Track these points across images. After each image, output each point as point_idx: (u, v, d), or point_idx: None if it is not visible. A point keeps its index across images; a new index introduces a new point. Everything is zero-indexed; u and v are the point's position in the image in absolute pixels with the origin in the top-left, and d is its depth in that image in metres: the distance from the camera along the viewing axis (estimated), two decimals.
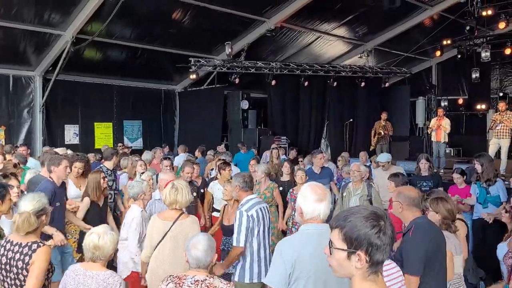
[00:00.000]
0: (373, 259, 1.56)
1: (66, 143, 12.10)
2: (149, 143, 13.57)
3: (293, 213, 5.93)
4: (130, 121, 14.05)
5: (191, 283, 2.68)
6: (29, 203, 3.03)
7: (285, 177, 6.99)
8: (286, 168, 7.04)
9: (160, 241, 3.65)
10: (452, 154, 13.17)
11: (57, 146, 10.95)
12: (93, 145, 12.43)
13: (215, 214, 6.32)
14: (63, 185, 5.01)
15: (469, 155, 11.84)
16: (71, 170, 5.14)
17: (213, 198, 6.45)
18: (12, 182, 4.21)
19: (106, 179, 5.31)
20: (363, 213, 1.60)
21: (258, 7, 11.02)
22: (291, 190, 6.37)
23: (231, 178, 5.77)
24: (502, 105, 9.90)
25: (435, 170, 7.54)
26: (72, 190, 5.49)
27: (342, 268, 1.62)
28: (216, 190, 6.37)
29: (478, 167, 6.02)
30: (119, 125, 13.77)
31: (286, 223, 6.34)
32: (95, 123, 13.20)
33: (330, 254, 1.64)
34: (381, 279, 1.62)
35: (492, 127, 9.94)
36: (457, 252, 3.44)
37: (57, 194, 4.59)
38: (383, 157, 7.31)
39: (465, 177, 6.48)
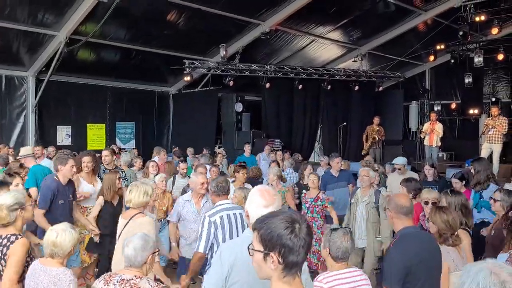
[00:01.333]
0: (286, 260, 1.59)
1: (58, 144, 12.02)
2: (142, 145, 13.53)
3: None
4: (123, 122, 13.99)
5: (117, 282, 2.70)
6: (4, 198, 3.21)
7: None
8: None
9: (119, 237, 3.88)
10: (444, 158, 13.24)
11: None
12: (85, 146, 12.35)
13: None
14: (70, 184, 5.03)
15: (462, 159, 11.91)
16: (77, 169, 5.25)
17: None
18: (17, 180, 4.43)
19: (121, 180, 5.45)
20: (279, 216, 1.65)
21: (253, 9, 11.03)
22: (303, 194, 6.30)
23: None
24: (494, 110, 9.99)
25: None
26: (86, 188, 5.52)
27: (261, 269, 1.67)
28: (231, 193, 6.29)
29: (472, 171, 6.04)
30: (112, 126, 13.70)
31: None
32: (88, 124, 13.13)
33: (250, 255, 1.70)
34: (297, 281, 1.64)
35: (484, 132, 10.02)
36: (457, 267, 3.18)
37: (60, 192, 4.73)
38: (399, 160, 7.06)
39: (464, 182, 6.44)
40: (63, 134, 12.62)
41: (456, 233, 3.38)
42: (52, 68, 10.96)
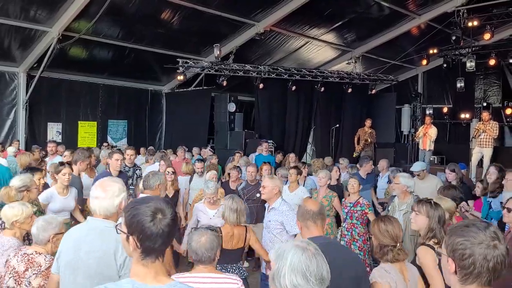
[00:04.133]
0: (143, 245, 1.70)
1: (48, 141, 11.90)
2: (134, 143, 13.45)
3: (343, 224, 5.72)
4: (115, 120, 13.91)
5: (21, 255, 3.06)
6: (14, 181, 4.04)
7: None
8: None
9: None
10: (436, 162, 13.31)
11: (39, 144, 10.80)
12: (76, 144, 12.27)
13: None
14: (122, 175, 5.64)
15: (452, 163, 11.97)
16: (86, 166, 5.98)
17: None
18: (38, 175, 4.86)
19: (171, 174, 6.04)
20: (148, 203, 1.74)
21: (248, 10, 11.01)
22: (343, 199, 6.02)
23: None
24: (485, 115, 10.07)
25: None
26: (88, 182, 5.87)
27: (125, 248, 1.80)
28: (286, 196, 6.13)
29: (489, 177, 5.62)
30: (104, 124, 13.61)
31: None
32: (79, 122, 13.05)
33: (118, 233, 1.81)
34: (157, 264, 1.73)
35: (475, 136, 10.10)
36: None
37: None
38: (417, 166, 6.67)
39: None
40: (54, 131, 12.51)
41: (398, 246, 2.80)
42: (44, 64, 10.87)
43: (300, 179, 7.06)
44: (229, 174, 7.46)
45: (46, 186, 5.27)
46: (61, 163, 4.94)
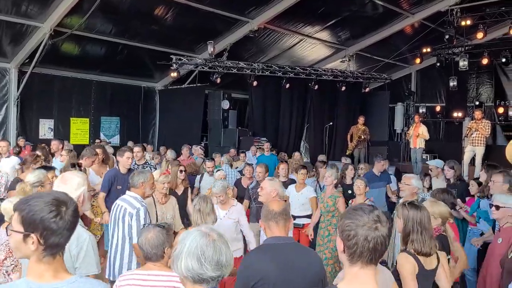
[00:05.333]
0: (47, 242, 1.64)
1: (40, 137, 11.85)
2: (127, 140, 13.36)
3: None
4: (108, 117, 13.82)
5: (4, 245, 3.09)
6: (29, 177, 4.15)
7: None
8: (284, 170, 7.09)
9: None
10: (428, 160, 13.35)
11: (31, 140, 10.70)
12: (68, 141, 12.15)
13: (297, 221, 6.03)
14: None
15: (445, 161, 12.03)
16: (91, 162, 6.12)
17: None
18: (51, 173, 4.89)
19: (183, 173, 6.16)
20: (44, 198, 1.67)
21: (242, 7, 10.97)
22: (350, 201, 5.82)
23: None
24: (477, 114, 10.15)
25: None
26: (95, 179, 6.02)
27: (19, 250, 1.69)
28: (292, 195, 6.14)
29: (483, 175, 5.53)
30: (96, 121, 13.52)
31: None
32: (71, 118, 12.95)
33: (8, 235, 1.73)
34: (58, 260, 1.70)
35: (467, 134, 10.17)
36: None
37: (118, 179, 5.54)
38: (432, 161, 6.67)
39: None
40: (46, 128, 12.40)
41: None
42: (36, 60, 10.76)
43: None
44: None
45: None
46: (73, 165, 5.25)
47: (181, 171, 6.05)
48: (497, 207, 3.79)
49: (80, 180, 2.61)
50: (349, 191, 6.45)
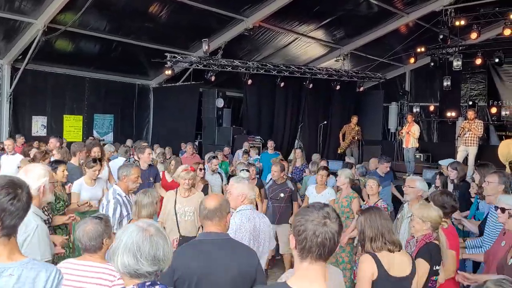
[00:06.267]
0: (4, 223, 1.71)
1: (33, 134, 11.77)
2: (120, 138, 13.32)
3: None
4: (101, 114, 13.76)
5: None
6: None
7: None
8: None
9: None
10: (421, 160, 13.44)
11: (24, 137, 10.61)
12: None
13: None
14: (152, 168, 6.17)
15: (438, 161, 12.11)
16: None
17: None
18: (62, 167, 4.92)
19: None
20: (0, 181, 1.75)
21: (237, 5, 10.95)
22: (364, 202, 5.50)
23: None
24: (470, 114, 10.20)
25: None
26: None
27: None
28: (312, 197, 6.07)
29: (476, 176, 5.27)
30: (90, 118, 13.46)
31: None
32: (65, 116, 12.89)
33: None
34: (12, 241, 1.76)
35: (460, 134, 10.23)
36: None
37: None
38: (443, 161, 6.66)
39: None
40: (39, 125, 12.33)
41: None
42: (29, 56, 10.69)
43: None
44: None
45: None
46: (94, 160, 5.38)
47: (200, 169, 6.22)
48: (503, 210, 3.44)
49: (42, 172, 2.67)
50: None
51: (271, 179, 6.67)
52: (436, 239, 3.22)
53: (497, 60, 12.86)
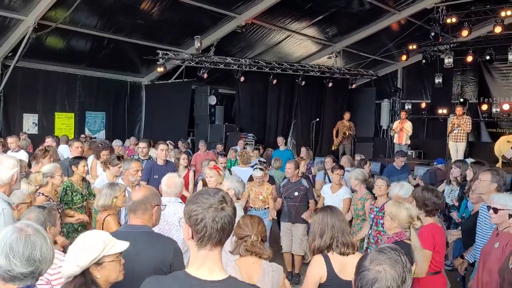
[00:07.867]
0: None
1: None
2: (112, 135, 13.25)
3: (369, 231, 4.85)
4: (93, 112, 13.68)
5: None
6: (45, 167, 4.51)
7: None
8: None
9: None
10: (413, 157, 13.53)
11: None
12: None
13: None
14: (168, 164, 6.27)
15: (430, 157, 12.22)
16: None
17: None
18: (82, 162, 5.15)
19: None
20: None
21: (229, 2, 10.92)
22: (372, 203, 5.10)
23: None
24: (459, 110, 10.33)
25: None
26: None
27: None
28: (328, 197, 5.96)
29: (468, 173, 5.30)
30: (81, 116, 13.38)
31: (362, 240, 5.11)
32: (56, 113, 12.79)
33: None
34: None
35: (451, 131, 10.32)
36: None
37: (156, 169, 6.04)
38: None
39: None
40: (30, 123, 12.23)
41: (254, 238, 2.72)
42: (19, 53, 10.58)
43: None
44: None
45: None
46: (118, 157, 5.54)
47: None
48: (495, 210, 3.25)
49: (14, 162, 2.88)
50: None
51: (285, 177, 6.43)
52: (408, 238, 3.11)
53: (488, 58, 12.97)
